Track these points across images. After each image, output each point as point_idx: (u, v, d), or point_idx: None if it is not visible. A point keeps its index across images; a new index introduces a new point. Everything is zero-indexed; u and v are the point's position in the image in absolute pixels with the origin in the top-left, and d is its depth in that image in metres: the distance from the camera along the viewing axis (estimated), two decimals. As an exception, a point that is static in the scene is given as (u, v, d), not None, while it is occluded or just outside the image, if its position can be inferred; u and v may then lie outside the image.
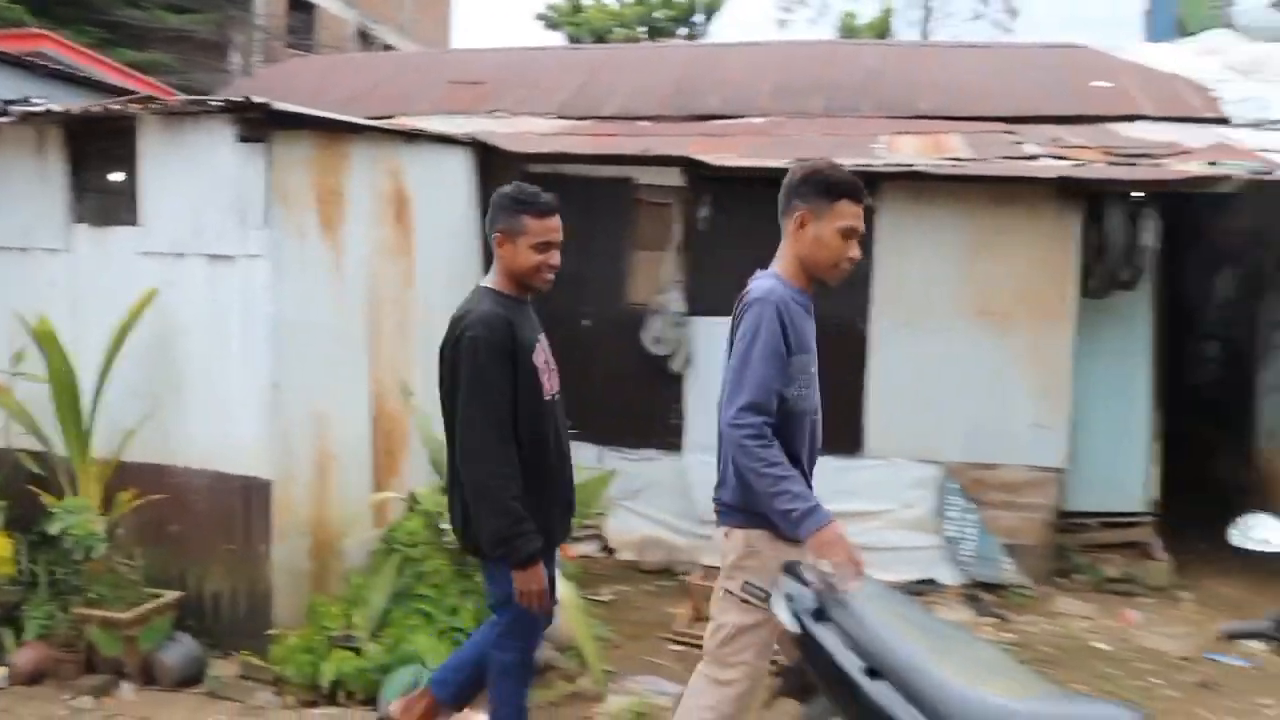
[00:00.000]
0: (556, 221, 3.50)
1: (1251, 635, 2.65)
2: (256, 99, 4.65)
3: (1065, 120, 9.73)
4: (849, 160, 6.81)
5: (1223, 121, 9.80)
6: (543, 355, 3.53)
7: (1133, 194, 6.46)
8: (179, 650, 4.70)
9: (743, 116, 10.08)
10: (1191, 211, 9.95)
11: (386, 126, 5.72)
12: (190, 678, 4.68)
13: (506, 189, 3.51)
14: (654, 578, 6.46)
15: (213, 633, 4.88)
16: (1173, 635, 5.93)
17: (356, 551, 5.18)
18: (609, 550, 6.77)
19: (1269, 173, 6.43)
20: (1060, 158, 7.43)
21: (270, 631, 4.72)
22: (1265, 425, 8.16)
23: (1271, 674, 5.39)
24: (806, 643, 2.69)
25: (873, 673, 2.49)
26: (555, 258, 3.51)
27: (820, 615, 2.68)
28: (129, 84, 9.50)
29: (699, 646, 5.20)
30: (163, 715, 4.41)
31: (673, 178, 6.62)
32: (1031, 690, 2.45)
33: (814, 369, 3.22)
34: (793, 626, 2.75)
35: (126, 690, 4.61)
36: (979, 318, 6.43)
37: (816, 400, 3.27)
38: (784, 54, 11.95)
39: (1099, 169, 6.65)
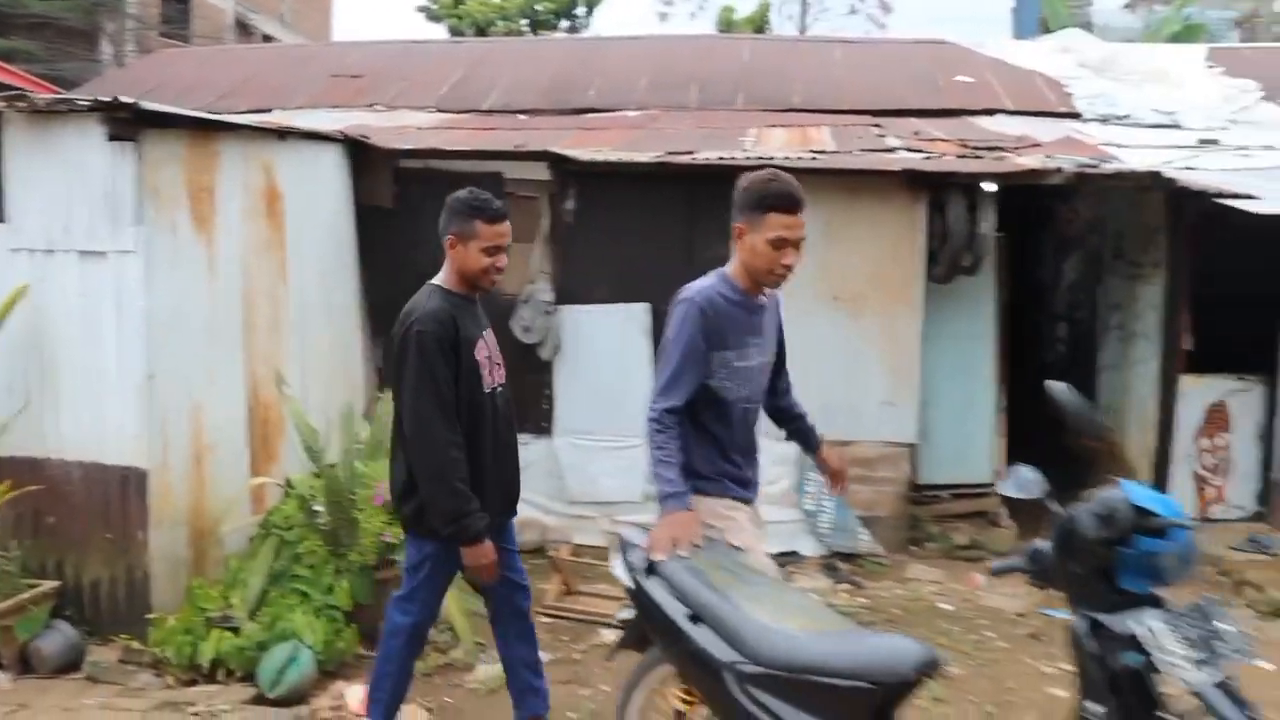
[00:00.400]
0: (506, 227, 3.79)
1: (1013, 570, 3.02)
2: (125, 99, 4.74)
3: (929, 114, 10.26)
4: (715, 153, 7.18)
5: (1075, 116, 10.44)
6: (485, 350, 3.81)
7: (982, 185, 6.93)
8: (56, 638, 4.81)
9: (620, 110, 10.38)
10: (1042, 201, 10.57)
11: (257, 124, 5.84)
12: (69, 664, 4.79)
13: (461, 194, 3.78)
14: (528, 557, 6.66)
15: (92, 620, 4.99)
16: (1013, 596, 6.39)
17: (235, 538, 5.32)
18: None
19: (1096, 166, 6.94)
20: (916, 150, 7.89)
21: (149, 616, 4.86)
22: (1103, 400, 8.75)
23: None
24: (639, 596, 2.99)
25: (694, 618, 2.81)
26: (502, 260, 3.80)
27: (651, 571, 2.98)
28: (-6, 75, 9.40)
29: (567, 618, 5.53)
30: (41, 702, 4.52)
31: (540, 172, 6.87)
32: (829, 626, 2.78)
33: (751, 362, 3.51)
34: (627, 581, 3.04)
35: (3, 679, 4.70)
36: (833, 302, 6.83)
37: (751, 390, 3.56)
38: (662, 48, 12.26)
39: (943, 162, 7.09)
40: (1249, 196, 6.44)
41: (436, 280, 3.84)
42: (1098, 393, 8.88)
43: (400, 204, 6.91)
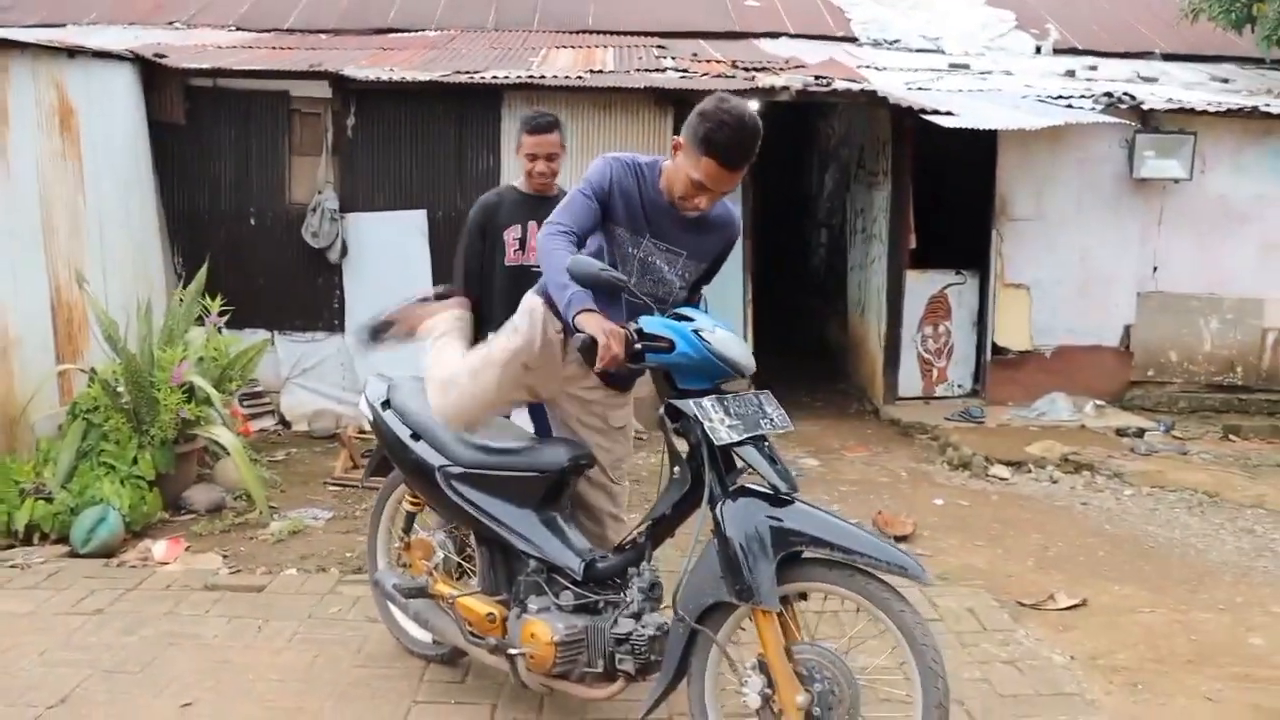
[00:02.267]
0: (544, 138, 4.53)
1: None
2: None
3: (715, 35, 11.13)
4: (501, 71, 7.84)
5: (852, 40, 11.49)
6: (515, 234, 4.58)
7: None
8: (-123, 513, 5.31)
9: (420, 30, 10.88)
10: (808, 120, 11.62)
11: (47, 43, 6.24)
12: (-110, 537, 5.31)
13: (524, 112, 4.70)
14: (324, 443, 7.40)
15: (-91, 499, 5.49)
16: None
17: (45, 423, 5.86)
18: (285, 424, 7.67)
19: (825, 85, 7.90)
20: (682, 70, 8.72)
21: (-36, 491, 5.40)
22: (852, 296, 9.91)
23: (809, 478, 6.99)
24: (378, 425, 3.78)
25: (415, 436, 3.62)
26: (541, 165, 4.54)
27: (386, 405, 3.77)
28: None
29: (353, 487, 6.28)
30: None
31: (323, 90, 7.45)
32: (514, 440, 3.62)
33: (653, 258, 3.28)
34: (368, 414, 3.83)
35: None
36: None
37: (655, 290, 3.28)
38: (461, -31, 12.65)
39: (681, 80, 7.90)
40: (948, 113, 7.52)
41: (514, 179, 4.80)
42: (848, 291, 10.03)
43: (191, 120, 7.40)
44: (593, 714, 3.61)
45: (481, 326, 4.21)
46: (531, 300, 3.45)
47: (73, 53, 6.44)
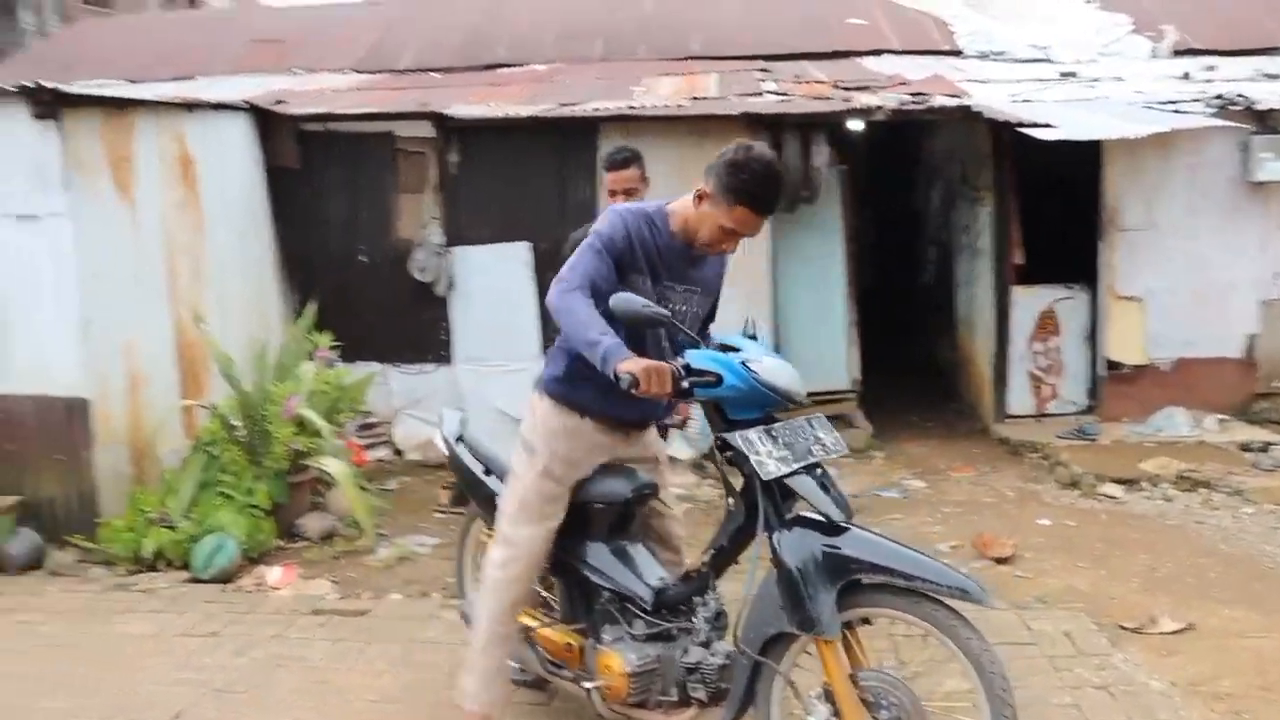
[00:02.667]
0: (622, 174, 4.75)
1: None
2: (45, 83, 5.56)
3: (818, 56, 11.10)
4: (603, 103, 8.01)
5: (956, 53, 11.33)
6: None
7: (848, 124, 7.81)
8: (21, 542, 5.71)
9: (528, 64, 11.14)
10: (915, 136, 11.50)
11: (167, 99, 6.64)
12: (32, 564, 5.70)
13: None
14: (435, 471, 7.62)
15: (50, 528, 5.87)
16: (858, 483, 7.41)
17: (171, 457, 6.22)
18: (399, 453, 7.93)
19: (922, 103, 7.86)
20: (782, 94, 8.76)
21: (98, 521, 5.76)
22: (960, 314, 9.78)
23: (913, 500, 6.94)
24: (453, 458, 3.94)
25: (487, 470, 3.77)
26: (621, 200, 4.59)
27: (460, 439, 3.93)
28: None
29: (459, 514, 6.45)
30: (12, 591, 5.41)
31: (426, 129, 7.74)
32: None
33: (669, 297, 3.27)
34: (444, 448, 3.99)
35: (-23, 578, 5.63)
36: (691, 234, 7.75)
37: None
38: (568, 2, 12.90)
39: (775, 104, 7.95)
40: (1046, 125, 7.40)
41: None
42: (957, 308, 9.90)
43: (304, 164, 7.77)
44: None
45: None
46: (531, 400, 3.49)
47: (191, 106, 6.84)
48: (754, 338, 3.26)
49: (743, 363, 2.97)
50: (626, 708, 3.36)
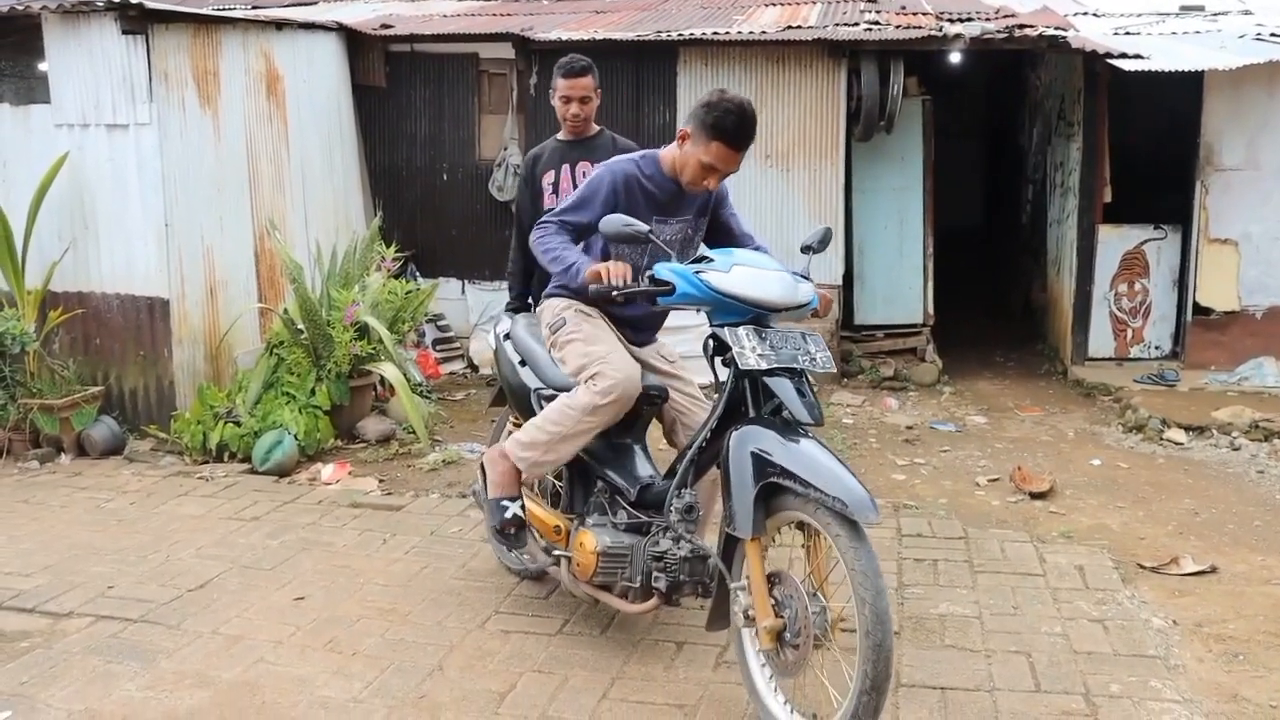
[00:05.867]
0: (576, 81, 4.56)
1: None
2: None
3: (931, -14, 10.84)
4: (699, 29, 8.02)
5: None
6: (549, 179, 4.63)
7: (950, 53, 7.67)
8: (103, 429, 6.17)
9: (640, -6, 11.15)
10: (1022, 71, 11.15)
11: (254, 18, 6.93)
12: (113, 450, 6.16)
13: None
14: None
15: (130, 418, 6.34)
16: (918, 415, 7.38)
17: (245, 358, 6.60)
18: (474, 367, 8.22)
19: (1005, 34, 7.63)
20: (872, 24, 8.61)
21: (173, 414, 6.18)
22: (1050, 253, 9.53)
23: (967, 434, 6.89)
24: (497, 354, 4.13)
25: (522, 363, 3.95)
26: (575, 108, 4.59)
27: (507, 337, 4.11)
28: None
29: (516, 426, 6.68)
30: (91, 473, 5.87)
31: (507, 51, 7.88)
32: None
33: (666, 230, 3.59)
34: (493, 343, 4.20)
35: (64, 460, 6.10)
36: (765, 161, 7.77)
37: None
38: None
39: (852, 31, 7.81)
40: (1137, 56, 7.13)
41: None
42: (1048, 246, 9.66)
43: (391, 83, 8.01)
44: (655, 634, 3.83)
45: (530, 276, 4.54)
46: (540, 307, 3.87)
47: (280, 25, 7.11)
48: (810, 249, 3.57)
49: (697, 273, 3.09)
50: (594, 589, 3.59)
